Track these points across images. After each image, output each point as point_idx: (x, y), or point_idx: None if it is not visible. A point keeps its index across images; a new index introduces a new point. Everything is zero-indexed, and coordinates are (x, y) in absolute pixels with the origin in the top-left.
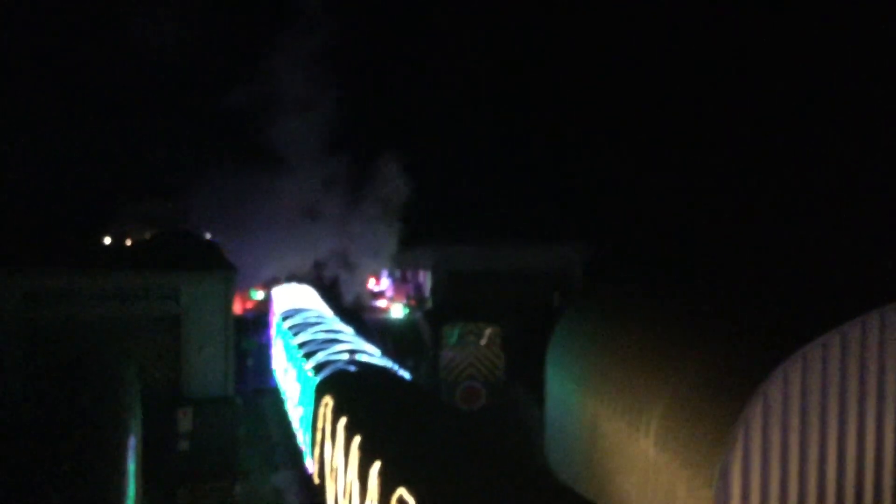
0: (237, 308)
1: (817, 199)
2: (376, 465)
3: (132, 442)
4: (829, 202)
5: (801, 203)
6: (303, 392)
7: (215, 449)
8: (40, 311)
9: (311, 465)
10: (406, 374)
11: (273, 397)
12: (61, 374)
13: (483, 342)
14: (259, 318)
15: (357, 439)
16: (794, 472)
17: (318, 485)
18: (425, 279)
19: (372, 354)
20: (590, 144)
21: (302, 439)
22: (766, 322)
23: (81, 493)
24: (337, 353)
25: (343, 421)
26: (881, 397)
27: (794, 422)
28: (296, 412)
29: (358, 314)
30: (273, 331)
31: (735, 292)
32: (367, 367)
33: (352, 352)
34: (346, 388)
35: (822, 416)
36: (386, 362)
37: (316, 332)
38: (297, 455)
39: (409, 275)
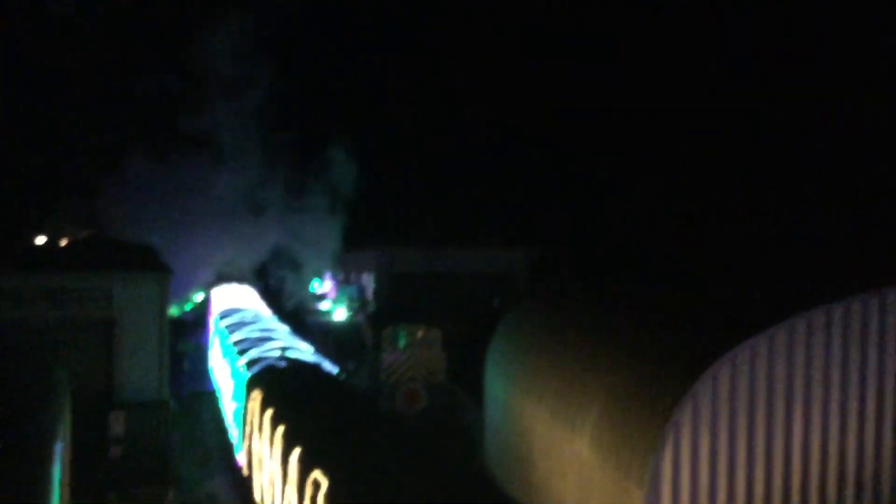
0: (175, 309)
1: (757, 201)
2: (296, 452)
3: (59, 447)
4: (768, 205)
5: (741, 206)
6: (235, 388)
7: (148, 454)
8: None
9: (241, 459)
10: (335, 371)
11: (210, 401)
12: None
13: (422, 345)
14: (198, 320)
15: (281, 429)
16: (722, 473)
17: (247, 476)
18: (368, 281)
19: (303, 352)
20: (538, 148)
21: (234, 434)
22: (699, 325)
23: None
24: (269, 350)
25: (269, 413)
26: (808, 400)
27: (723, 423)
28: (229, 408)
29: (299, 316)
30: (211, 330)
31: (671, 295)
32: (296, 363)
33: (284, 349)
34: (274, 382)
35: (750, 417)
36: (316, 359)
37: (251, 330)
38: (231, 458)
39: (352, 277)
